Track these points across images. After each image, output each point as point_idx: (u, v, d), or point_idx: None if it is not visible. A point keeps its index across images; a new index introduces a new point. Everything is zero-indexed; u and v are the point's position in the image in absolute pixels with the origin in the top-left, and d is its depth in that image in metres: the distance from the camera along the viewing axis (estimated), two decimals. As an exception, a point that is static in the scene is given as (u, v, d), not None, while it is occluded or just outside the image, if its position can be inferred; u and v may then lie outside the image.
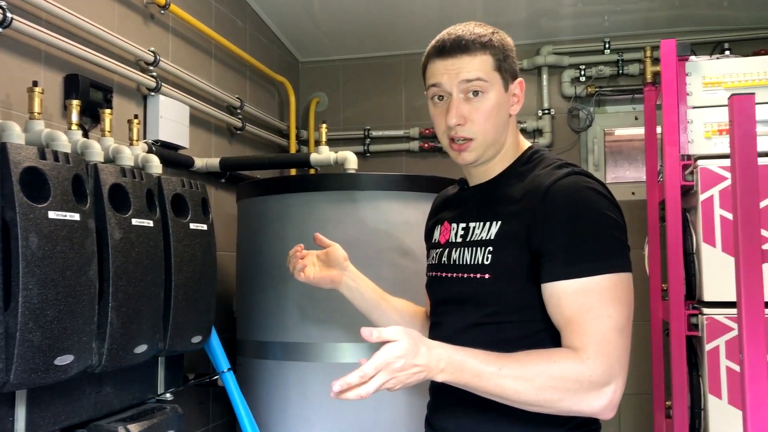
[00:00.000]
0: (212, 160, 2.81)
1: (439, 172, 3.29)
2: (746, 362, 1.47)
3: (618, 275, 1.26)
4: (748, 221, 1.51)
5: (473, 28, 1.39)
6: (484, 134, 1.38)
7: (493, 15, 3.43)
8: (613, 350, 1.23)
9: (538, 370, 1.20)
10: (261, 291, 2.42)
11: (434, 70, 1.39)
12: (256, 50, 3.43)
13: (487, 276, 1.34)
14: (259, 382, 2.40)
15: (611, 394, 1.22)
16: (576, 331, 1.24)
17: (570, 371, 1.20)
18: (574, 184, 1.31)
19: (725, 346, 2.32)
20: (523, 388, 1.20)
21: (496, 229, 1.36)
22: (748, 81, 2.40)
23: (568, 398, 1.20)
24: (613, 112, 3.70)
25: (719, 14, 3.37)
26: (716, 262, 2.35)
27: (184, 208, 1.96)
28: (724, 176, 2.36)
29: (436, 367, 1.18)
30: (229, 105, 3.12)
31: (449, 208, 1.57)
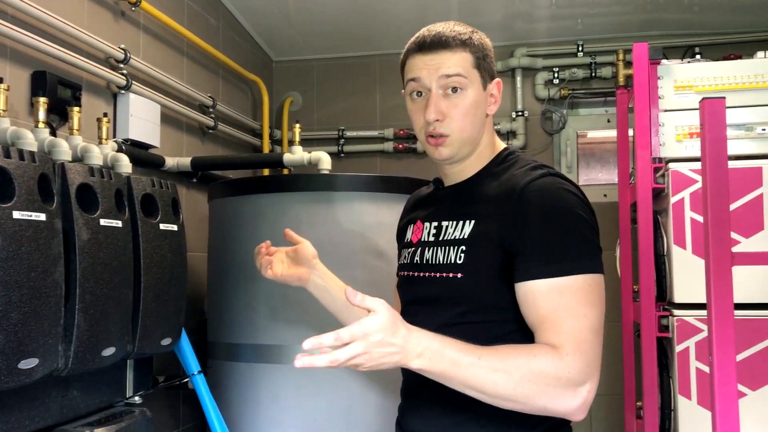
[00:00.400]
0: (184, 160, 2.78)
1: (414, 173, 3.29)
2: (715, 364, 1.48)
3: (591, 276, 1.26)
4: (718, 224, 1.52)
5: (453, 26, 1.39)
6: (461, 131, 1.37)
7: (468, 16, 3.43)
8: (589, 350, 1.21)
9: (518, 363, 1.18)
10: (232, 292, 2.39)
11: (414, 65, 1.38)
12: (230, 49, 3.39)
13: (460, 275, 1.34)
14: (230, 384, 2.37)
15: (586, 394, 1.20)
16: (551, 329, 1.23)
17: (549, 367, 1.18)
18: (549, 185, 1.31)
19: (695, 348, 2.34)
20: (501, 380, 1.16)
21: (470, 229, 1.35)
22: (718, 85, 2.42)
23: (546, 395, 1.18)
24: (585, 114, 3.73)
25: (690, 19, 3.41)
26: (687, 264, 2.38)
27: (153, 208, 1.92)
28: (695, 179, 2.38)
29: (413, 350, 1.13)
30: (201, 104, 3.09)
31: (422, 207, 1.56)
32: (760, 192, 2.33)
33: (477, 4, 3.36)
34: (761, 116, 2.38)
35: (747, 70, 2.41)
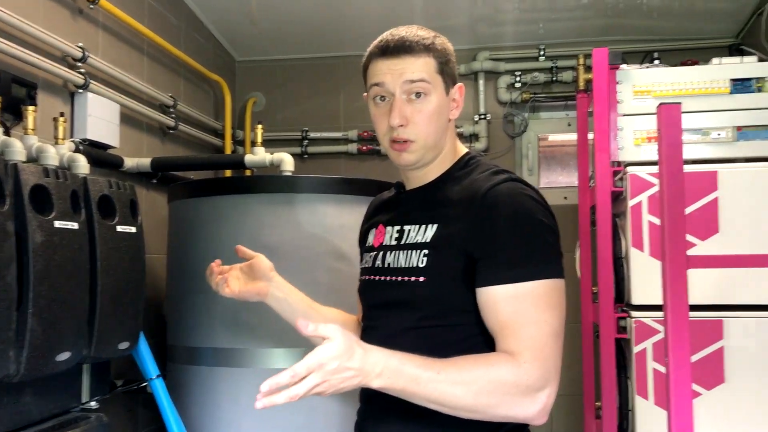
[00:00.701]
0: (143, 160, 2.73)
1: (378, 175, 3.29)
2: (671, 364, 1.51)
3: (552, 281, 1.27)
4: (674, 227, 1.55)
5: (416, 30, 1.39)
6: (426, 137, 1.37)
7: (433, 19, 3.45)
8: (548, 355, 1.23)
9: (476, 374, 1.19)
10: (192, 295, 2.36)
11: (377, 70, 1.38)
12: (191, 48, 3.35)
13: (422, 279, 1.34)
14: (189, 388, 2.34)
15: (545, 399, 1.22)
16: (511, 335, 1.24)
17: (507, 375, 1.20)
18: (511, 190, 1.32)
19: (652, 349, 2.38)
20: (461, 392, 1.18)
21: (433, 233, 1.35)
22: (676, 90, 2.47)
23: (505, 403, 1.20)
24: (546, 118, 3.77)
25: (650, 24, 3.47)
26: (644, 266, 2.41)
27: (111, 209, 1.89)
28: (653, 182, 2.42)
29: (372, 371, 1.14)
30: (162, 104, 3.05)
31: (385, 211, 1.55)
32: (715, 196, 2.37)
33: (441, 7, 3.37)
34: (716, 121, 2.43)
35: (703, 76, 2.46)
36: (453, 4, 3.35)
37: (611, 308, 2.48)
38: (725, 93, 2.44)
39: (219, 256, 2.31)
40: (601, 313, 2.48)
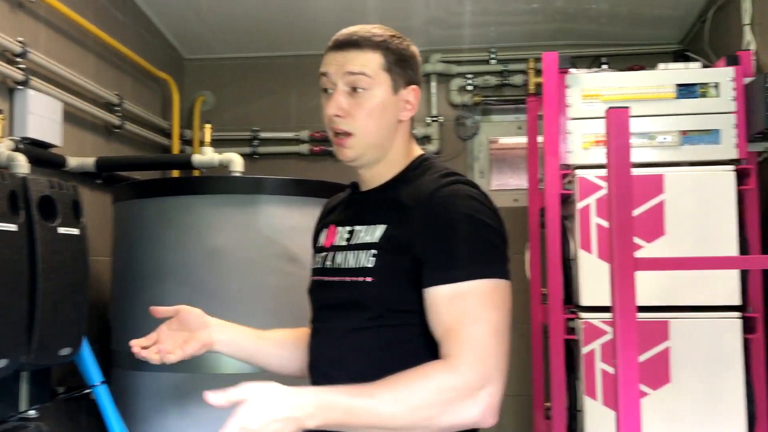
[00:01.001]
0: (87, 160, 2.66)
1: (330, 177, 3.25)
2: (620, 365, 1.53)
3: (496, 281, 1.26)
4: (622, 229, 1.57)
5: (372, 28, 1.39)
6: (364, 132, 1.36)
7: (385, 20, 3.38)
8: (489, 354, 1.20)
9: (411, 388, 1.17)
10: (138, 298, 2.30)
11: (325, 61, 1.40)
12: (138, 45, 3.27)
13: (370, 279, 1.33)
14: (134, 394, 2.28)
15: (488, 398, 1.19)
16: (453, 338, 1.22)
17: (444, 382, 1.17)
18: (457, 191, 1.32)
19: (600, 350, 2.41)
20: (399, 411, 1.15)
21: (381, 233, 1.35)
22: (623, 94, 2.51)
23: (447, 411, 1.17)
24: (498, 121, 3.80)
25: (598, 30, 3.53)
26: (593, 267, 2.45)
27: (52, 210, 1.83)
28: (601, 185, 2.46)
29: (304, 414, 1.11)
30: (107, 102, 2.96)
31: (337, 212, 1.54)
32: (662, 198, 2.42)
33: (395, 8, 3.37)
34: (662, 125, 2.48)
35: (650, 81, 2.50)
36: (406, 6, 3.35)
37: (561, 310, 2.51)
38: (671, 98, 2.49)
39: (166, 259, 2.27)
40: (550, 314, 2.51)
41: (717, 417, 2.35)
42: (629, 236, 1.56)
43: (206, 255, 2.22)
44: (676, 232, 2.41)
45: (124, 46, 3.06)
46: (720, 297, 2.38)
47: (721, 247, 2.38)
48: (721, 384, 2.35)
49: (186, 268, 2.23)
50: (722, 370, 2.36)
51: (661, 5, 3.28)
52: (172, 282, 2.22)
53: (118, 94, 3.01)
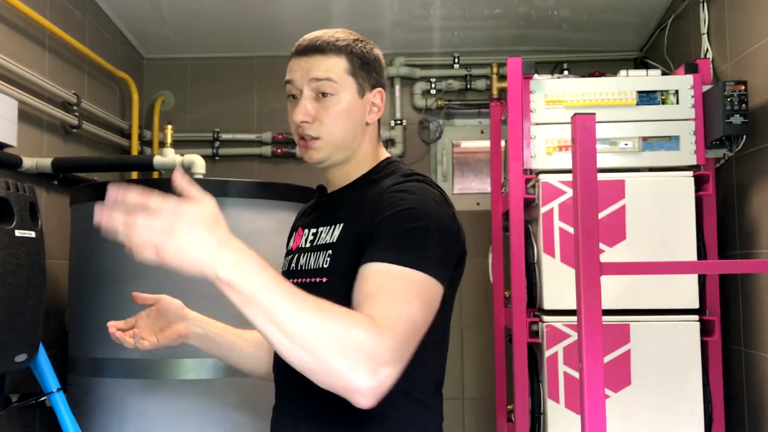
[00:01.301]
0: (44, 160, 2.58)
1: (293, 179, 3.23)
2: (585, 368, 1.54)
3: (431, 279, 1.20)
4: (588, 234, 1.58)
5: (335, 32, 1.40)
6: (331, 135, 1.38)
7: (349, 23, 3.40)
8: (403, 337, 1.10)
9: (334, 314, 1.05)
10: (97, 303, 2.25)
11: (289, 68, 1.41)
12: (97, 44, 3.20)
13: (324, 279, 1.33)
14: (93, 401, 2.22)
15: (384, 378, 1.04)
16: (376, 303, 1.12)
17: (362, 332, 1.04)
18: (413, 187, 1.31)
19: (563, 353, 2.44)
20: (311, 324, 1.01)
21: (338, 232, 1.36)
22: (586, 101, 2.54)
23: (346, 356, 1.02)
24: (461, 125, 3.81)
25: (560, 36, 3.57)
26: (555, 271, 2.47)
27: (8, 212, 1.77)
28: (564, 190, 2.48)
29: (228, 258, 0.99)
30: (64, 101, 2.89)
31: (306, 215, 1.56)
32: (623, 203, 2.46)
33: (358, 10, 3.36)
34: (624, 131, 2.52)
35: (612, 87, 2.54)
36: (370, 8, 3.34)
37: (524, 313, 2.53)
38: (632, 104, 2.53)
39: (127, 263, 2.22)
40: (514, 318, 2.52)
41: (676, 418, 2.39)
42: (595, 241, 1.58)
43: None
44: (637, 236, 2.45)
45: (82, 44, 2.98)
46: (679, 300, 2.43)
47: (680, 252, 2.42)
48: (680, 386, 2.40)
49: (148, 272, 2.16)
50: (681, 372, 2.40)
51: (622, 13, 3.33)
52: (133, 286, 2.15)
53: (76, 93, 2.93)
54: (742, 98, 2.32)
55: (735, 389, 2.55)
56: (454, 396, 3.48)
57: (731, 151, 2.46)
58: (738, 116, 2.32)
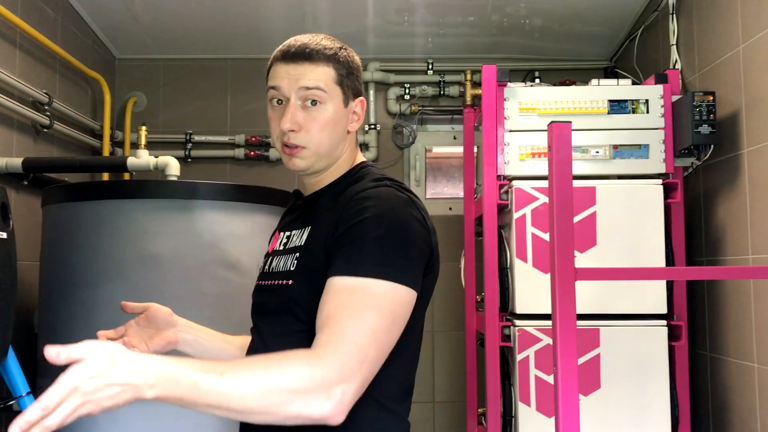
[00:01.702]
0: (14, 160, 2.55)
1: (266, 182, 3.23)
2: (560, 371, 1.56)
3: (391, 285, 1.21)
4: (563, 240, 1.61)
5: (321, 39, 1.40)
6: (317, 145, 1.38)
7: (323, 27, 3.44)
8: (355, 352, 1.14)
9: (266, 371, 1.11)
10: (68, 305, 2.22)
11: (276, 73, 1.38)
12: (69, 43, 3.16)
13: (290, 282, 1.33)
14: (63, 405, 2.19)
15: (340, 395, 1.12)
16: (326, 327, 1.18)
17: (302, 370, 1.11)
18: (384, 193, 1.31)
19: (534, 357, 2.47)
20: (248, 392, 1.08)
21: (306, 235, 1.36)
22: (558, 109, 2.58)
23: (298, 399, 1.10)
24: (433, 130, 3.84)
25: (531, 44, 3.62)
26: (528, 276, 2.50)
27: (-20, 213, 1.74)
28: (536, 196, 2.52)
29: (143, 383, 1.03)
30: (35, 100, 2.85)
31: (284, 218, 1.57)
32: (594, 210, 2.51)
33: (333, 15, 3.37)
34: (595, 139, 2.57)
35: (584, 96, 2.59)
36: (345, 13, 3.35)
37: (497, 317, 2.55)
38: (603, 113, 2.58)
39: (100, 264, 2.20)
40: (487, 322, 2.55)
41: (643, 421, 2.44)
42: (570, 247, 1.61)
43: (143, 261, 2.17)
44: (607, 242, 2.49)
45: (54, 43, 2.95)
46: (647, 306, 2.48)
47: (649, 258, 2.47)
48: (648, 389, 2.45)
49: (121, 275, 2.17)
50: (649, 376, 2.45)
51: (592, 23, 3.40)
52: (106, 288, 2.15)
53: (47, 93, 2.89)
54: (710, 108, 2.38)
55: (700, 393, 2.61)
56: (425, 399, 3.50)
57: (699, 160, 2.52)
58: (706, 126, 2.38)
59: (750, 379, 2.28)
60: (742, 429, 2.34)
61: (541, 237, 2.50)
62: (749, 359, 2.29)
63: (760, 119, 2.22)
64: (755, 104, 2.26)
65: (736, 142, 2.36)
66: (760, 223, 2.22)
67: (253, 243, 2.24)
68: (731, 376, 2.41)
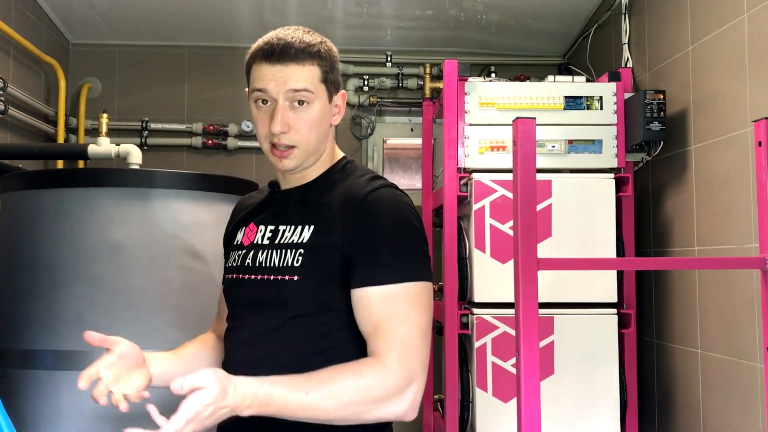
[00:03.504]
0: (-32, 147, 2.50)
1: (222, 170, 3.23)
2: (522, 357, 1.63)
3: (423, 283, 1.35)
4: (526, 231, 1.67)
5: (302, 35, 1.40)
6: (307, 143, 1.40)
7: (281, 17, 3.44)
8: (415, 353, 1.30)
9: (345, 385, 1.24)
10: (29, 295, 2.19)
11: (261, 75, 1.38)
12: (22, 27, 3.10)
13: (296, 278, 1.36)
14: (24, 395, 2.16)
15: (413, 396, 1.29)
16: (381, 336, 1.30)
17: (375, 380, 1.26)
18: (389, 196, 1.39)
19: (491, 344, 2.55)
20: (331, 406, 1.23)
21: (309, 234, 1.38)
22: (517, 104, 2.66)
23: (376, 407, 1.26)
24: (391, 122, 3.89)
25: (488, 39, 3.69)
26: (485, 266, 2.58)
27: (-57, 200, 1.72)
28: (495, 189, 2.59)
29: (242, 404, 1.18)
30: (-12, 85, 2.79)
31: (256, 210, 1.55)
32: (549, 202, 2.59)
33: (291, 5, 3.38)
34: (552, 134, 2.65)
35: (541, 92, 2.67)
36: (305, 4, 3.37)
37: (455, 306, 2.62)
38: (559, 109, 2.67)
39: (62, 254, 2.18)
40: (446, 310, 2.62)
41: (594, 405, 2.54)
42: (533, 238, 1.67)
43: (106, 250, 2.15)
44: (561, 234, 2.58)
45: (8, 26, 2.88)
46: (599, 295, 2.58)
47: (601, 249, 2.57)
48: (599, 374, 2.55)
49: (85, 264, 2.15)
50: (600, 362, 2.56)
51: (547, 20, 3.49)
52: (69, 278, 2.13)
53: (2, 78, 2.83)
54: (660, 106, 2.49)
55: (647, 378, 2.74)
56: (381, 387, 3.56)
57: (649, 155, 2.63)
58: (657, 123, 2.48)
59: (694, 364, 2.41)
60: (686, 411, 2.47)
61: (500, 228, 2.58)
62: (693, 346, 2.41)
63: (708, 118, 2.34)
64: (703, 103, 2.37)
65: (685, 139, 2.48)
66: (706, 216, 2.34)
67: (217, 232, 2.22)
68: (676, 361, 2.54)
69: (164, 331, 2.13)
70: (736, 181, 2.16)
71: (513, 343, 2.47)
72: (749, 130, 2.06)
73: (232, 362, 1.44)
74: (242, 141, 3.70)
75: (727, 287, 2.22)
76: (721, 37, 2.25)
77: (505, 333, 2.54)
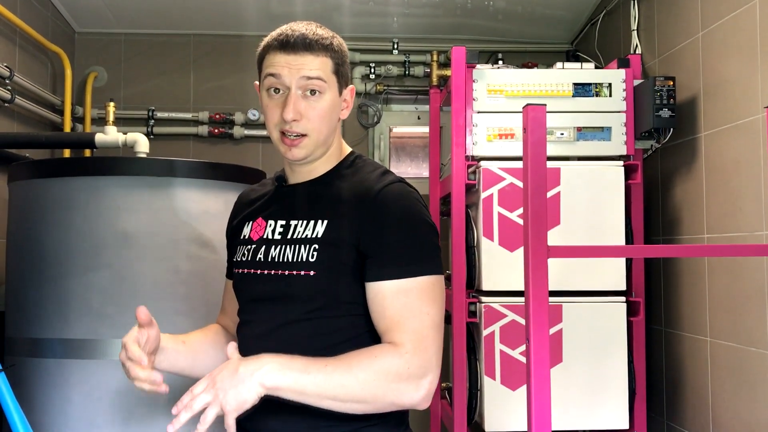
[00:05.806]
0: (-24, 136, 2.50)
1: (229, 159, 3.22)
2: (533, 345, 1.63)
3: (435, 277, 1.37)
4: (536, 219, 1.67)
5: (315, 28, 1.42)
6: (318, 133, 1.41)
7: (286, 5, 3.43)
8: (429, 345, 1.32)
9: (362, 365, 1.27)
10: (38, 283, 2.20)
11: (274, 61, 1.39)
12: (28, 15, 3.09)
13: (312, 273, 1.37)
14: (33, 383, 2.18)
15: (428, 386, 1.31)
16: (396, 329, 1.33)
17: (392, 365, 1.28)
18: (401, 191, 1.41)
19: (500, 332, 2.55)
20: (349, 382, 1.25)
21: (323, 228, 1.39)
22: (525, 91, 2.64)
23: (392, 391, 1.28)
24: (398, 110, 3.87)
25: (495, 26, 3.67)
26: (494, 254, 2.57)
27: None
28: (503, 177, 2.58)
29: (260, 361, 1.24)
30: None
31: (262, 204, 1.54)
32: (558, 190, 2.58)
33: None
34: (560, 122, 2.63)
35: (550, 79, 2.65)
36: (309, -9, 3.35)
37: (464, 294, 2.62)
38: (568, 96, 2.65)
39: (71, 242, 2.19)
40: (454, 299, 2.61)
41: (602, 393, 2.54)
42: (543, 226, 1.67)
43: (115, 239, 2.16)
44: (570, 222, 2.57)
45: (14, 14, 2.88)
46: (607, 282, 2.57)
47: (610, 237, 2.56)
48: (607, 362, 2.55)
49: (93, 253, 2.15)
50: (608, 350, 2.55)
51: (554, 6, 3.46)
52: (77, 266, 2.14)
53: (8, 66, 2.83)
54: (670, 93, 2.47)
55: (655, 366, 2.74)
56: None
57: (659, 142, 2.62)
58: (666, 110, 2.47)
59: (703, 352, 2.40)
60: (695, 399, 2.47)
61: (508, 216, 2.57)
62: (702, 333, 2.41)
63: (717, 105, 2.32)
64: (713, 90, 2.35)
65: (694, 126, 2.46)
66: (715, 203, 2.33)
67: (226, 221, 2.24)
68: (685, 349, 2.53)
69: (173, 319, 2.13)
70: (746, 168, 2.15)
71: (521, 331, 2.48)
72: (760, 117, 2.05)
73: (246, 357, 1.44)
74: (248, 130, 3.70)
75: (736, 275, 2.21)
76: (732, 23, 2.23)
77: (513, 321, 2.54)
